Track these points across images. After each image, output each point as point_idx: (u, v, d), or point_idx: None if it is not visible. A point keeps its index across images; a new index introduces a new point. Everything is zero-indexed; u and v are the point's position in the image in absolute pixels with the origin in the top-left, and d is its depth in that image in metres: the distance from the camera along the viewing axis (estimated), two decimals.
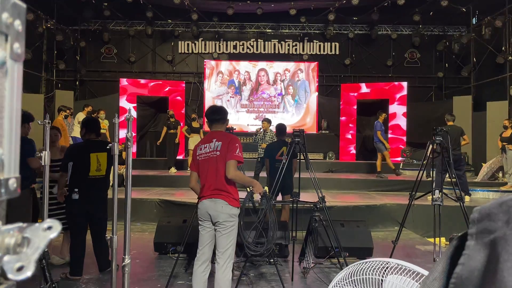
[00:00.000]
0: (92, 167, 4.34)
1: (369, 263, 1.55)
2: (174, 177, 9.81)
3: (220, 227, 3.23)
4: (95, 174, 4.34)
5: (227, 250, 3.22)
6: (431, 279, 0.56)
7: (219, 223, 3.22)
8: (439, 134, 4.68)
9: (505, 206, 0.47)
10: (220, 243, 3.24)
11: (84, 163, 4.32)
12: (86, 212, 4.31)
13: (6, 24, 0.41)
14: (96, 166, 4.35)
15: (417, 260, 5.28)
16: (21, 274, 0.39)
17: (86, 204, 4.26)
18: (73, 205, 4.26)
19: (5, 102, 0.42)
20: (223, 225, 3.22)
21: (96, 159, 4.35)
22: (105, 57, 14.31)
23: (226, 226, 3.21)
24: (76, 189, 4.23)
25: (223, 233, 3.22)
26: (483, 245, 0.48)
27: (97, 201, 4.40)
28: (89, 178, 4.32)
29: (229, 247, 3.23)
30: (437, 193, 4.45)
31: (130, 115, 2.43)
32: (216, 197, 3.23)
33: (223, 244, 3.22)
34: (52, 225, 0.43)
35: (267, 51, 14.21)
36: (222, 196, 3.23)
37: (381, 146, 9.54)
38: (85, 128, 4.49)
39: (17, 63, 0.43)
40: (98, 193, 4.42)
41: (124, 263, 2.34)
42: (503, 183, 9.04)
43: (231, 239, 3.23)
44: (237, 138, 3.42)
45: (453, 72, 13.88)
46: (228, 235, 3.22)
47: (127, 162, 2.43)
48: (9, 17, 0.42)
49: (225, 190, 3.24)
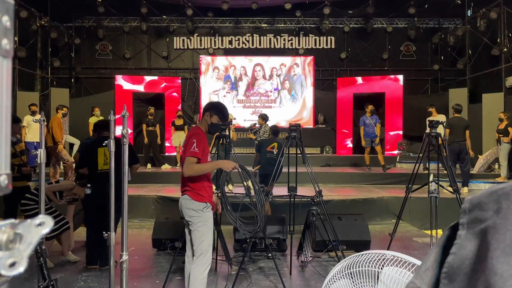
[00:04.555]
0: (99, 161, 4.53)
1: (365, 255, 1.56)
2: (170, 173, 9.81)
3: (189, 223, 3.25)
4: (103, 168, 4.48)
5: (198, 246, 3.18)
6: (423, 269, 0.57)
7: (186, 219, 3.26)
8: (435, 126, 4.69)
9: (495, 196, 0.47)
10: (192, 239, 3.25)
11: (93, 158, 4.56)
12: (99, 206, 4.36)
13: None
14: (103, 160, 4.51)
15: (414, 252, 5.32)
16: (13, 270, 0.39)
17: (98, 198, 4.32)
18: (87, 200, 4.55)
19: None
20: (190, 221, 3.22)
21: (103, 153, 4.54)
22: (100, 54, 14.24)
23: (193, 222, 3.20)
24: (89, 184, 4.51)
25: (191, 229, 3.23)
26: (474, 234, 0.49)
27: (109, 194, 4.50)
28: (98, 173, 4.52)
29: (200, 243, 3.17)
30: (433, 186, 4.47)
31: (126, 112, 2.42)
32: (182, 193, 3.30)
33: (193, 239, 3.22)
34: (44, 221, 0.43)
35: (262, 46, 14.17)
36: (187, 192, 3.24)
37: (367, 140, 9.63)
38: (98, 129, 4.81)
39: (6, 59, 0.43)
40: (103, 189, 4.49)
41: (122, 260, 2.34)
42: (499, 175, 9.10)
43: (200, 235, 3.18)
44: (197, 132, 3.28)
45: (448, 64, 13.90)
46: (196, 231, 3.19)
47: (123, 159, 2.43)
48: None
49: (188, 186, 3.23)
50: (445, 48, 13.77)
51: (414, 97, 13.40)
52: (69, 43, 13.67)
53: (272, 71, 13.53)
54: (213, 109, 3.38)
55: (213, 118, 3.34)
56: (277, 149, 6.40)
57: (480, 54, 12.18)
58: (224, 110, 3.43)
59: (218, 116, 3.35)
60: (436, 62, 13.96)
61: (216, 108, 3.41)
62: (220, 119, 3.37)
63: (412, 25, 13.85)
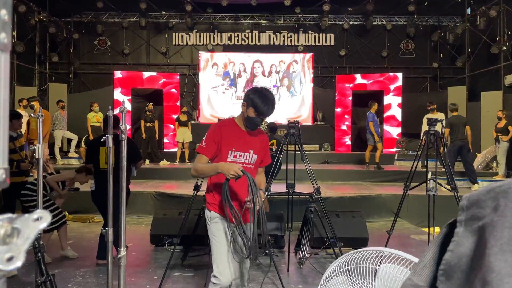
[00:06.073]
0: (101, 160, 4.59)
1: (363, 252, 1.56)
2: (169, 170, 9.82)
3: None
4: (104, 167, 4.47)
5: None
6: (421, 266, 0.57)
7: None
8: (434, 124, 4.70)
9: (493, 193, 0.47)
10: None
11: (95, 157, 4.64)
12: (103, 202, 4.39)
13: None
14: (104, 159, 4.51)
15: (411, 250, 5.33)
16: (11, 264, 0.39)
17: (101, 195, 4.34)
18: (92, 196, 4.67)
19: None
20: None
21: (104, 153, 4.52)
22: (99, 49, 14.20)
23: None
24: (93, 181, 4.70)
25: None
26: (472, 232, 0.49)
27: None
28: (101, 171, 4.56)
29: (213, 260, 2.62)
30: (431, 183, 4.48)
31: (124, 108, 2.41)
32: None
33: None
34: (42, 215, 0.43)
35: (262, 42, 14.14)
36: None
37: (370, 137, 9.53)
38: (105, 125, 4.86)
39: (4, 53, 0.43)
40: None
41: (119, 255, 2.34)
42: (497, 173, 9.12)
43: (212, 250, 2.64)
44: (219, 124, 2.82)
45: (447, 62, 13.90)
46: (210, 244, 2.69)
47: (121, 155, 2.42)
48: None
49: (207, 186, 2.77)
50: (445, 46, 13.77)
51: (413, 95, 13.40)
52: (67, 38, 13.62)
53: (271, 67, 13.51)
54: (249, 100, 2.60)
55: (249, 111, 2.60)
56: (276, 145, 6.41)
57: (479, 52, 12.19)
58: (263, 103, 2.56)
59: (254, 109, 2.57)
60: (435, 60, 13.96)
61: (253, 98, 2.58)
62: (258, 113, 2.59)
63: (411, 22, 13.84)
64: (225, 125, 2.71)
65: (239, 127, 2.68)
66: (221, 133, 2.61)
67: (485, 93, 11.07)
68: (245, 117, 2.63)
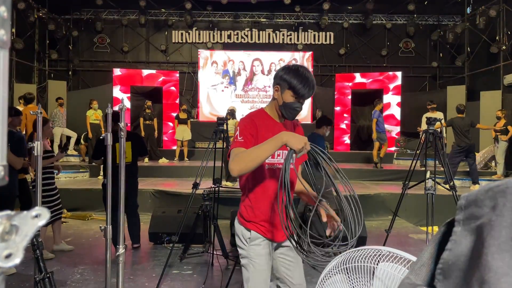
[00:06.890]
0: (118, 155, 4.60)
1: (361, 251, 1.56)
2: (168, 168, 9.82)
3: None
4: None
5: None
6: (419, 264, 0.57)
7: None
8: (433, 124, 4.70)
9: (491, 193, 0.47)
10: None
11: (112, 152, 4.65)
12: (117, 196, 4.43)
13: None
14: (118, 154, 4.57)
15: (410, 249, 5.34)
16: (9, 262, 0.39)
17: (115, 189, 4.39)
18: (104, 190, 4.67)
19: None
20: (238, 249, 2.15)
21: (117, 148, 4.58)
22: (98, 46, 14.17)
23: (239, 252, 2.12)
24: (105, 175, 4.85)
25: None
26: (470, 231, 0.49)
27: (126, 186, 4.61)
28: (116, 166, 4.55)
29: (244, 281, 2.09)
30: (430, 182, 4.48)
31: (123, 105, 2.41)
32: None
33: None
34: (41, 212, 0.43)
35: (261, 40, 14.13)
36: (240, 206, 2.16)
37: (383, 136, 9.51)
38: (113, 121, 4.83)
39: (3, 50, 0.43)
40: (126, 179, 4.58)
41: (118, 253, 2.34)
42: (495, 172, 9.14)
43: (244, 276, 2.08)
44: (248, 115, 2.11)
45: (447, 61, 13.90)
46: (242, 268, 2.11)
47: (120, 152, 2.42)
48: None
49: (241, 197, 2.15)
50: (444, 45, 13.77)
51: (413, 94, 13.41)
52: (67, 36, 13.60)
53: (271, 66, 13.49)
54: (283, 81, 1.98)
55: (285, 95, 2.00)
56: None
57: (478, 51, 12.19)
58: (302, 82, 1.95)
59: (293, 91, 1.97)
60: (435, 59, 13.97)
61: (288, 79, 1.96)
62: (297, 96, 1.99)
63: (411, 21, 13.83)
64: (256, 116, 2.07)
65: (272, 119, 2.10)
66: (256, 126, 2.00)
67: (484, 92, 11.08)
68: (280, 104, 2.03)
